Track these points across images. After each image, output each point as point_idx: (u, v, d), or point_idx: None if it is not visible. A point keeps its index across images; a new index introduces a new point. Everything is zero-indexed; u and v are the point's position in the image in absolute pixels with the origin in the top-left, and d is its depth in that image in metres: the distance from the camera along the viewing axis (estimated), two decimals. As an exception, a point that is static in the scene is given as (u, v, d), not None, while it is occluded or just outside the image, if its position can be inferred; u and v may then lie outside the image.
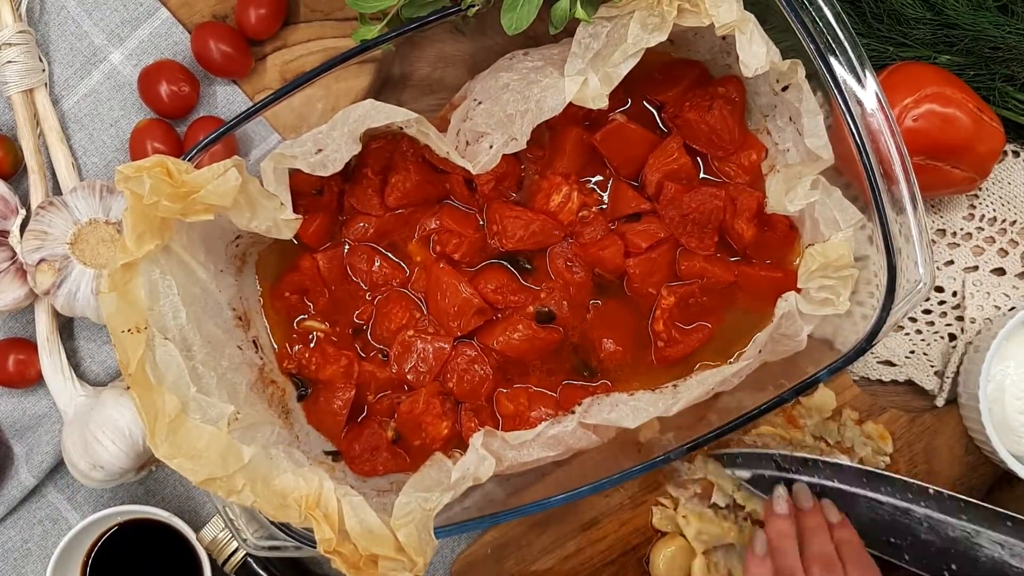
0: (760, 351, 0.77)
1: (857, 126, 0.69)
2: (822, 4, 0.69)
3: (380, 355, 0.82)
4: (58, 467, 0.88)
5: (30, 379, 0.86)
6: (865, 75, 0.69)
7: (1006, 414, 0.82)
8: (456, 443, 0.81)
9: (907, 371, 0.88)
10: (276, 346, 0.82)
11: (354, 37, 0.75)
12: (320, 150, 0.74)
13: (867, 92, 0.69)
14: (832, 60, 0.69)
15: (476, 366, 0.80)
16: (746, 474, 0.84)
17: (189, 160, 0.72)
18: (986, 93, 0.85)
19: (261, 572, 0.86)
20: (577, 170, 0.80)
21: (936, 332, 0.89)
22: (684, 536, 0.86)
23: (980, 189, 0.88)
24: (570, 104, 0.71)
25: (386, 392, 0.82)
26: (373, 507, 0.71)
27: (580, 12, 0.69)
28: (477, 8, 0.71)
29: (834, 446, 0.86)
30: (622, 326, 0.81)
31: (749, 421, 0.74)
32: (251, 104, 0.83)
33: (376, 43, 0.73)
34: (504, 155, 0.74)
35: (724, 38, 0.77)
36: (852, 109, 0.69)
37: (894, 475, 0.80)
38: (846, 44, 0.69)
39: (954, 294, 0.88)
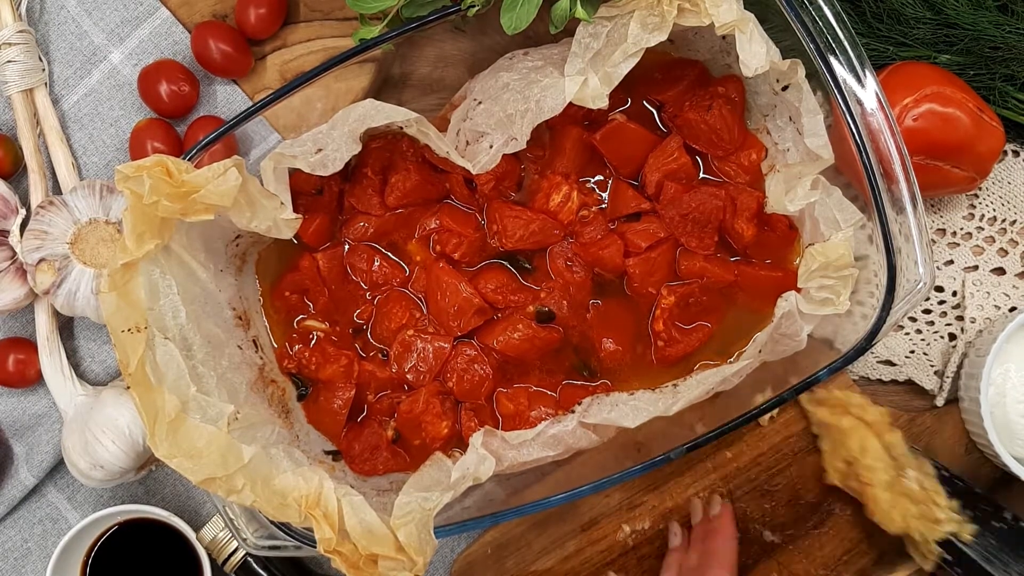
0: (760, 350, 0.77)
1: (857, 126, 0.69)
2: (822, 4, 0.69)
3: (380, 355, 0.82)
4: (58, 467, 0.88)
5: (30, 379, 0.86)
6: (865, 75, 0.69)
7: (1007, 417, 0.82)
8: (456, 443, 0.81)
9: (907, 371, 0.88)
10: (276, 346, 0.82)
11: (354, 38, 0.75)
12: (320, 150, 0.74)
13: (867, 92, 0.69)
14: (832, 60, 0.69)
15: (476, 366, 0.80)
16: None
17: (189, 160, 0.72)
18: (986, 93, 0.85)
19: (261, 572, 0.86)
20: (577, 170, 0.80)
21: (936, 332, 0.89)
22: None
23: (980, 189, 0.88)
24: (570, 104, 0.71)
25: (386, 392, 0.82)
26: (373, 507, 0.71)
27: (580, 12, 0.69)
28: (477, 8, 0.71)
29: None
30: (622, 326, 0.81)
31: (749, 420, 0.74)
32: (251, 104, 0.83)
33: (376, 43, 0.73)
34: (504, 155, 0.74)
35: (724, 38, 0.77)
36: (852, 109, 0.69)
37: None
38: (846, 44, 0.69)
39: (954, 294, 0.88)
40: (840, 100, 0.69)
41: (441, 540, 0.73)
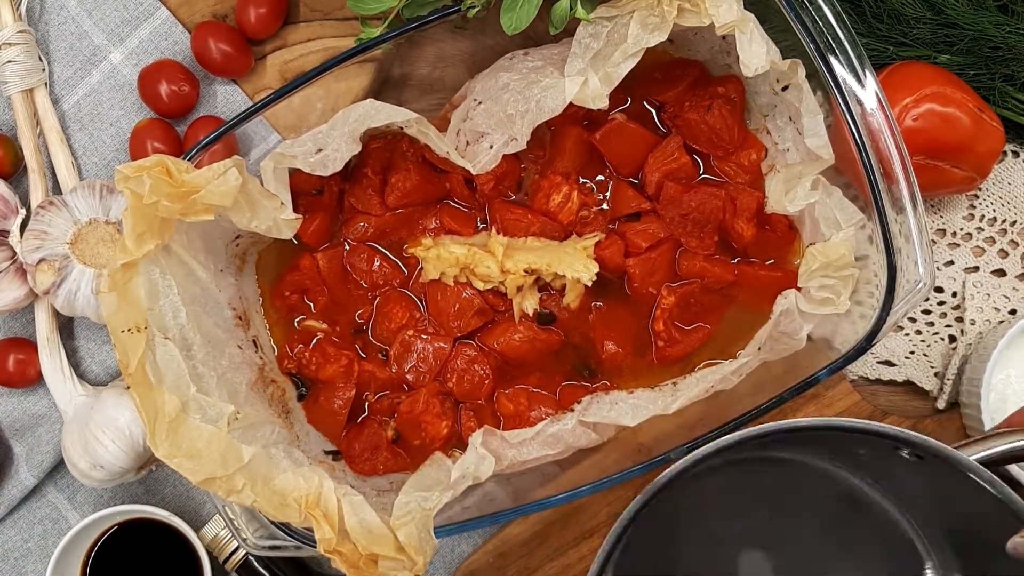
0: (759, 348, 0.77)
1: (857, 126, 0.69)
2: (822, 4, 0.69)
3: (380, 355, 0.82)
4: (58, 467, 0.88)
5: (30, 379, 0.86)
6: (865, 75, 0.69)
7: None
8: (456, 443, 0.81)
9: (906, 371, 0.88)
10: (276, 346, 0.82)
11: (357, 42, 0.75)
12: (320, 150, 0.74)
13: (867, 92, 0.70)
14: (832, 60, 0.69)
15: (476, 366, 0.80)
16: None
17: (189, 160, 0.72)
18: (986, 93, 0.85)
19: (262, 571, 0.86)
20: (577, 170, 0.80)
21: (936, 333, 0.89)
22: None
23: (980, 189, 0.88)
24: (570, 104, 0.71)
25: (386, 392, 0.82)
26: (373, 507, 0.71)
27: (580, 12, 0.69)
28: (477, 10, 0.71)
29: None
30: (623, 326, 0.81)
31: (750, 420, 0.74)
32: (251, 104, 0.83)
33: (376, 43, 0.73)
34: (504, 155, 0.74)
35: (724, 38, 0.77)
36: (852, 109, 0.69)
37: None
38: (846, 44, 0.69)
39: (954, 295, 0.88)
40: (840, 100, 0.69)
41: (441, 540, 0.72)
